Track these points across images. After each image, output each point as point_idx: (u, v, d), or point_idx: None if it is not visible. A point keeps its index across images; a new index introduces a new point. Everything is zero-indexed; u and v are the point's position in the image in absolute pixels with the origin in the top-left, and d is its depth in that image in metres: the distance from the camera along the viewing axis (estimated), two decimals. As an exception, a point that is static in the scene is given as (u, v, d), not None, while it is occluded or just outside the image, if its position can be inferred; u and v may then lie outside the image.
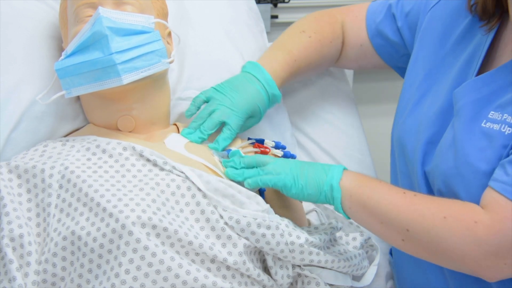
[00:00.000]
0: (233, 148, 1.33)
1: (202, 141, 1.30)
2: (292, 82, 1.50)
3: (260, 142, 1.39)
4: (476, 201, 1.14)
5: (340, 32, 1.51)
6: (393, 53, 1.49)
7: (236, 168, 1.24)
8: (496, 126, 1.16)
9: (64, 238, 1.08)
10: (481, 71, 1.24)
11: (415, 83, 1.36)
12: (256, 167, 1.23)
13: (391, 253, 1.51)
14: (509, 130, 1.14)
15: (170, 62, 1.26)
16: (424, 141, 1.28)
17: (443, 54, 1.33)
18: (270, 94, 1.38)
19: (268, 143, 1.39)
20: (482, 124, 1.18)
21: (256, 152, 1.35)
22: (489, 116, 1.18)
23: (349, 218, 1.22)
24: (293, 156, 1.39)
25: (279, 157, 1.39)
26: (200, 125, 1.31)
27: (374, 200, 1.17)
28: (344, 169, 1.22)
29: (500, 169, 1.12)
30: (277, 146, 1.40)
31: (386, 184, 1.21)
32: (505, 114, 1.16)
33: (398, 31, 1.45)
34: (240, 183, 1.22)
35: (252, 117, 1.37)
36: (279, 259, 1.16)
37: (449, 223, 1.11)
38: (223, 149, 1.31)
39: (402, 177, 1.35)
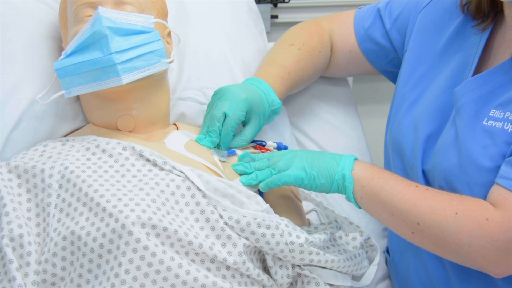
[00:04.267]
0: (235, 150, 1.33)
1: (215, 144, 1.30)
2: (287, 95, 1.50)
3: (262, 144, 1.39)
4: (478, 197, 1.15)
5: (328, 40, 1.52)
6: (382, 57, 1.49)
7: (248, 172, 1.25)
8: (498, 124, 1.17)
9: (64, 238, 1.08)
10: (477, 70, 1.26)
11: (409, 83, 1.37)
12: (268, 167, 1.24)
13: (387, 251, 1.51)
14: None
15: (170, 62, 1.26)
16: (423, 139, 1.29)
17: (437, 53, 1.34)
18: (269, 100, 1.38)
19: (270, 145, 1.39)
20: (484, 122, 1.19)
21: (255, 152, 1.35)
22: (491, 114, 1.19)
23: (359, 207, 1.23)
24: None
25: None
26: (207, 128, 1.31)
27: (386, 191, 1.18)
28: (355, 159, 1.23)
29: (507, 166, 1.13)
30: (279, 147, 1.40)
31: (399, 176, 1.21)
32: (507, 112, 1.17)
33: (387, 34, 1.46)
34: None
35: (253, 116, 1.36)
36: (279, 259, 1.16)
37: (460, 219, 1.12)
38: (227, 147, 1.31)
39: None
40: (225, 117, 1.30)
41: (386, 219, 1.20)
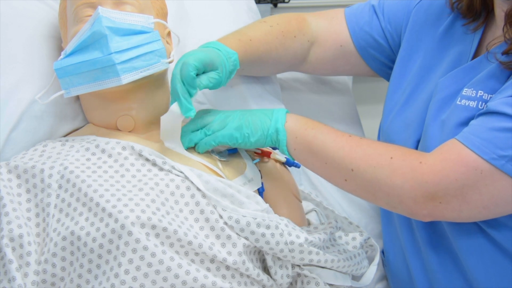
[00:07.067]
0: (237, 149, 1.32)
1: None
2: (253, 66, 1.43)
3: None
4: None
5: (308, 32, 1.47)
6: (377, 53, 1.47)
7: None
8: (472, 103, 1.18)
9: (64, 238, 1.08)
10: None
11: (402, 83, 1.37)
12: (202, 128, 1.24)
13: (383, 252, 1.51)
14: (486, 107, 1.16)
15: (170, 62, 1.26)
16: (414, 139, 1.29)
17: (428, 53, 1.33)
18: (224, 53, 1.28)
19: (279, 158, 1.38)
20: (458, 102, 1.20)
21: (256, 153, 1.35)
22: (463, 93, 1.20)
23: (294, 160, 1.24)
24: (295, 163, 1.39)
25: (282, 161, 1.39)
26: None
27: (319, 140, 1.19)
28: (287, 112, 1.24)
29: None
30: (288, 163, 1.39)
31: (332, 127, 1.23)
32: (479, 91, 1.18)
33: (383, 32, 1.45)
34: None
35: (214, 66, 1.25)
36: (279, 258, 1.16)
37: (395, 163, 1.13)
38: (194, 86, 1.19)
39: None
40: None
41: (320, 168, 1.21)
